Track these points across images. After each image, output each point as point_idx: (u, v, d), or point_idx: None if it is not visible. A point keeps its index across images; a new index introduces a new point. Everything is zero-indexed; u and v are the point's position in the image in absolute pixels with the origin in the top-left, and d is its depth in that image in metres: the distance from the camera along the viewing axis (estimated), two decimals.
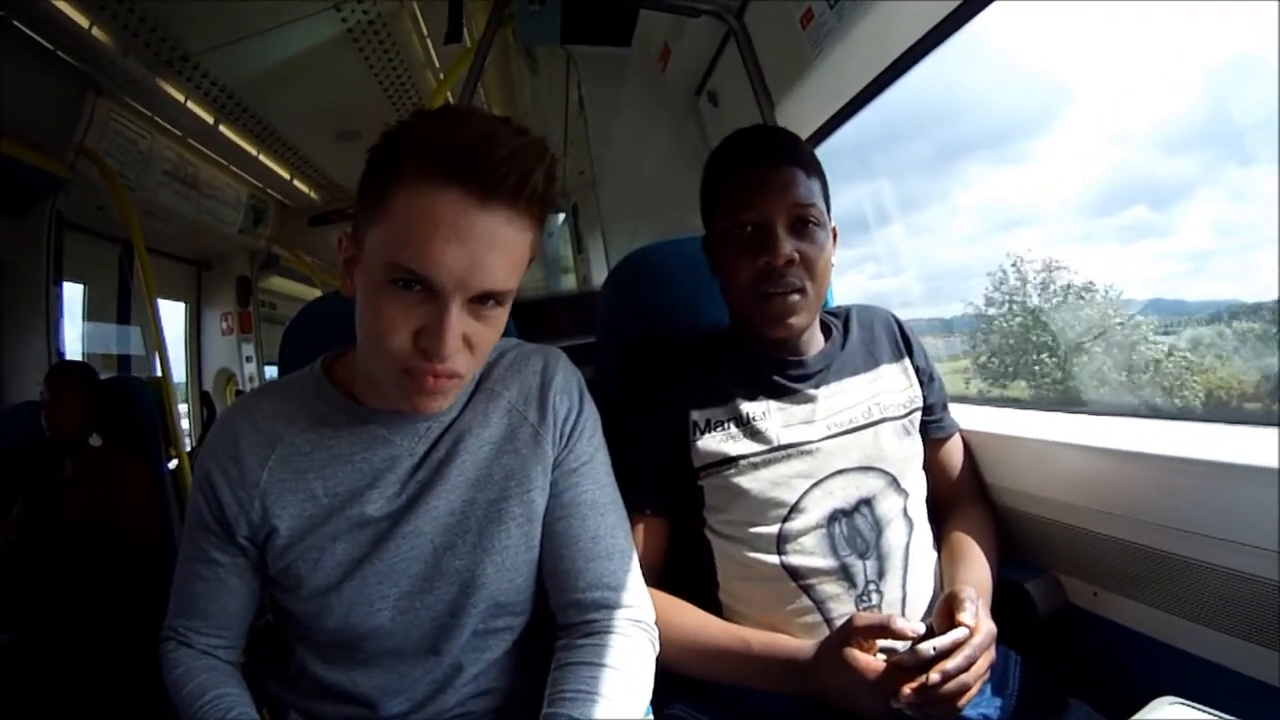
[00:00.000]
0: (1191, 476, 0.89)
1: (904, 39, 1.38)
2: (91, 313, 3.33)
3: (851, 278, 2.22)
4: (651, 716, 0.90)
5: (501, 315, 0.79)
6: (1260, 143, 1.10)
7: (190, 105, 2.99)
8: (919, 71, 1.48)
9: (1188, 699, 0.59)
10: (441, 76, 3.06)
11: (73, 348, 3.12)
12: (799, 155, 1.06)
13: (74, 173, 2.74)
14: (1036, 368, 1.64)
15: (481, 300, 0.75)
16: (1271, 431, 0.89)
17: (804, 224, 1.03)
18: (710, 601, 1.05)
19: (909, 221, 2.14)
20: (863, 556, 1.01)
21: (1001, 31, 1.49)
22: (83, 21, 2.33)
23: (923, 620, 0.99)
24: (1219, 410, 1.21)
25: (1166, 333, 1.40)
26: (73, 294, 3.23)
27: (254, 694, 0.92)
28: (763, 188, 1.03)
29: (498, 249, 0.74)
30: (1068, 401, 1.56)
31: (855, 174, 2.10)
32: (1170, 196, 1.36)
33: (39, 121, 2.54)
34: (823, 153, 1.75)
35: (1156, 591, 0.96)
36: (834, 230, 1.10)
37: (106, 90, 2.70)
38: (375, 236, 0.75)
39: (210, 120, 3.15)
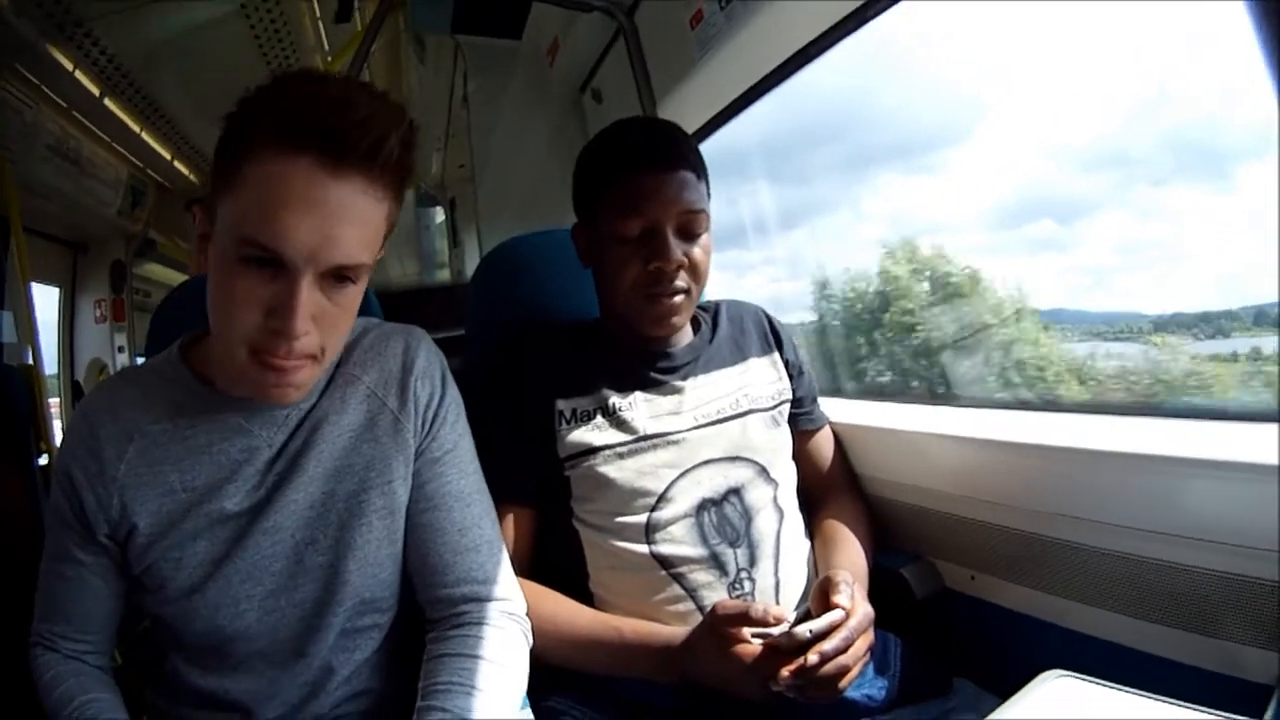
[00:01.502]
0: (1060, 462, 0.94)
1: (791, 43, 1.41)
2: None
3: (751, 280, 2.25)
4: (528, 708, 0.88)
5: (355, 294, 0.76)
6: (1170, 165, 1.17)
7: (78, 75, 2.82)
8: (837, 74, 1.51)
9: (1072, 671, 0.62)
10: (330, 59, 3.01)
11: None
12: (690, 157, 1.07)
13: None
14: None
15: (335, 277, 0.72)
16: (1139, 420, 0.96)
17: (692, 227, 1.04)
18: (581, 592, 1.04)
19: (814, 226, 2.16)
20: (733, 545, 1.03)
21: (924, 39, 1.53)
22: None
23: (798, 606, 1.01)
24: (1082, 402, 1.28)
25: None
26: None
27: (133, 702, 0.88)
28: (654, 192, 1.02)
29: (351, 221, 0.70)
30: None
31: (763, 175, 2.10)
32: (1077, 212, 1.41)
33: None
34: (727, 150, 1.77)
35: (1033, 573, 1.00)
36: None
37: None
38: (226, 208, 0.71)
39: (96, 92, 2.99)
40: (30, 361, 2.81)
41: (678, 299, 1.03)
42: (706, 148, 1.65)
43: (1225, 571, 0.78)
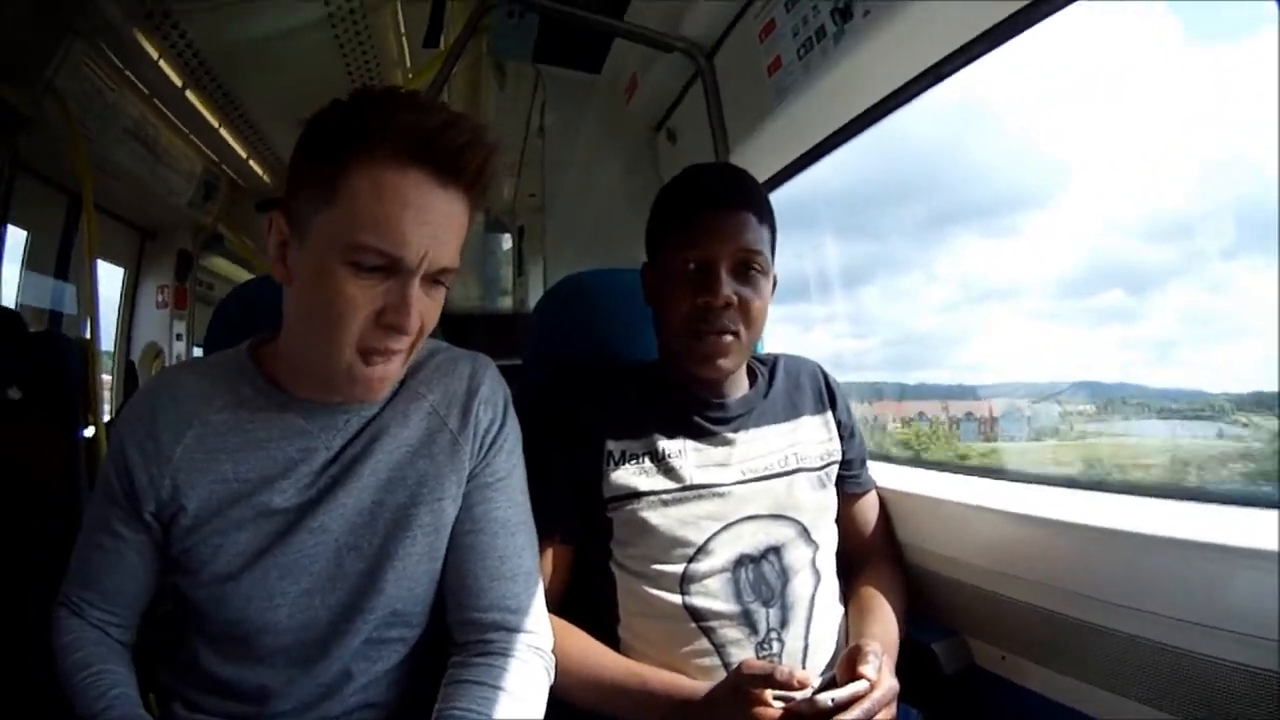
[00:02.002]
0: (1104, 545, 0.91)
1: (867, 96, 1.41)
2: (31, 261, 3.18)
3: (818, 334, 2.24)
4: None
5: (443, 294, 0.81)
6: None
7: (162, 64, 2.90)
8: (927, 133, 1.51)
9: None
10: (410, 76, 3.07)
11: (7, 293, 2.98)
12: (754, 200, 1.07)
13: (37, 113, 2.62)
14: None
15: (434, 279, 0.78)
16: (1185, 505, 0.93)
17: (747, 269, 1.03)
18: (609, 636, 1.03)
19: (886, 284, 2.15)
20: (766, 604, 1.01)
21: (1015, 103, 1.55)
22: None
23: (823, 673, 0.99)
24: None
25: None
26: (15, 239, 3.08)
27: (145, 680, 0.89)
28: (713, 227, 1.03)
29: (452, 229, 0.77)
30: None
31: (842, 228, 2.10)
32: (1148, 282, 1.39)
33: (12, 53, 2.42)
34: (801, 200, 1.76)
35: (1067, 658, 0.96)
36: (775, 277, 1.11)
37: (83, 32, 2.58)
38: (327, 217, 0.74)
39: (179, 83, 3.07)
40: (88, 335, 2.87)
41: (726, 339, 1.02)
42: (781, 196, 1.67)
43: (1270, 669, 0.73)
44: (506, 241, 4.69)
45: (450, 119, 0.75)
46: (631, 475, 1.05)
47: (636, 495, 1.04)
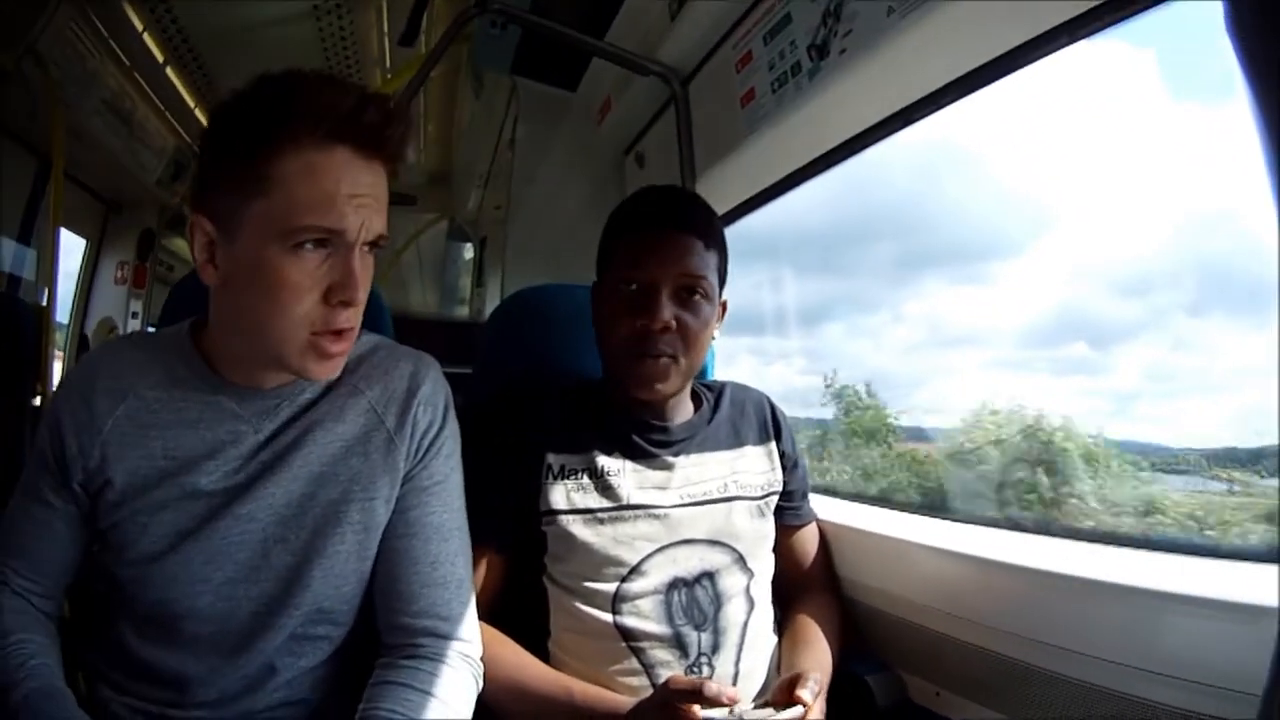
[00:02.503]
0: (1040, 586, 0.92)
1: (836, 135, 1.43)
2: None
3: (779, 369, 2.25)
4: None
5: (373, 262, 0.83)
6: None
7: (146, 37, 2.86)
8: (905, 172, 1.52)
9: None
10: (389, 76, 3.05)
11: None
12: (703, 225, 1.08)
13: (16, 72, 2.56)
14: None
15: (368, 248, 0.79)
16: (1124, 551, 0.95)
17: (690, 293, 1.04)
18: (539, 649, 1.03)
19: (853, 322, 2.16)
20: (698, 628, 1.02)
21: (997, 147, 1.56)
22: None
23: (754, 699, 0.99)
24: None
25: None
26: None
27: (73, 656, 0.90)
28: (657, 250, 1.04)
29: (381, 198, 0.79)
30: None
31: (814, 265, 2.12)
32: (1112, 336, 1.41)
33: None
34: (772, 233, 1.78)
35: (1001, 697, 0.97)
36: (723, 304, 1.12)
37: None
38: (260, 207, 0.74)
39: (160, 59, 3.02)
40: (44, 304, 2.80)
41: (663, 362, 1.03)
42: (751, 226, 1.69)
43: (1203, 714, 0.75)
44: (468, 251, 4.65)
45: (365, 97, 0.77)
46: (569, 491, 1.05)
47: (572, 511, 1.04)
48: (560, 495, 1.05)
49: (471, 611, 0.92)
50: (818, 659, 1.04)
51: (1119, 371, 1.40)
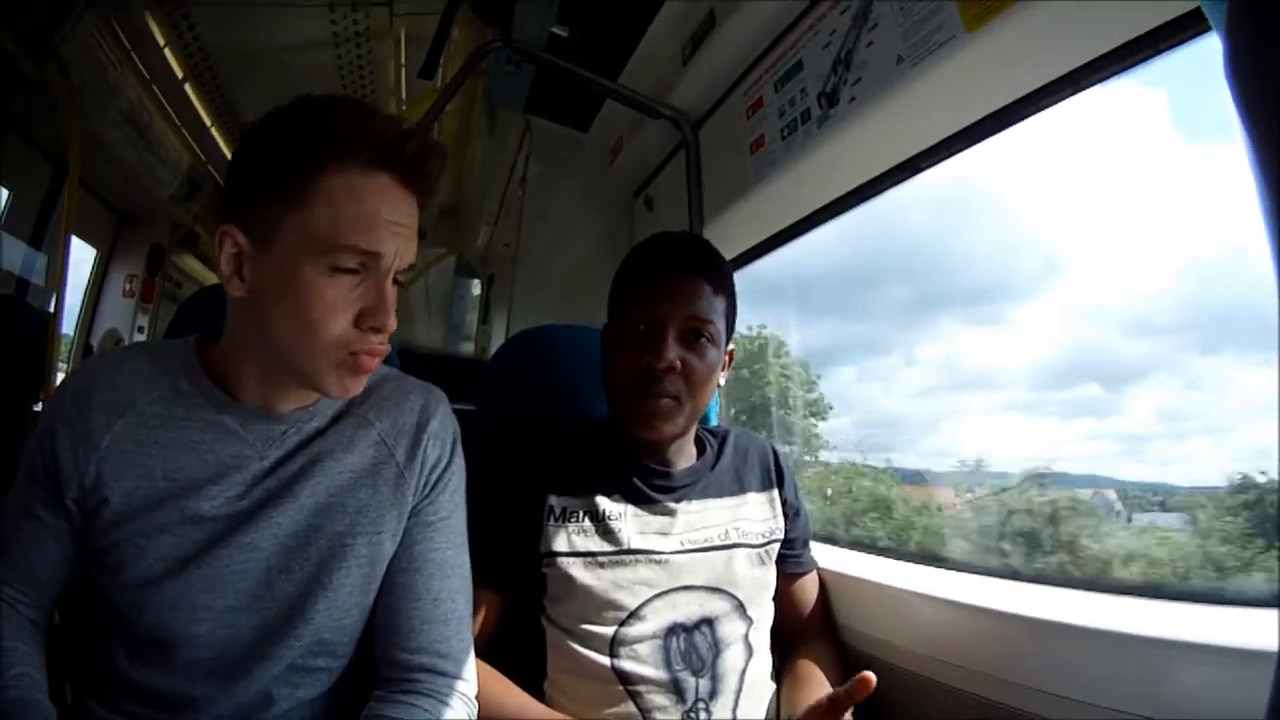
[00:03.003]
0: (1038, 635, 0.92)
1: (845, 182, 1.44)
2: (8, 223, 3.10)
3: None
4: None
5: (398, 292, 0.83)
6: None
7: (167, 52, 2.89)
8: (921, 218, 1.51)
9: None
10: (404, 107, 3.07)
11: None
12: (712, 270, 1.09)
13: (37, 76, 2.58)
14: None
15: (395, 279, 0.80)
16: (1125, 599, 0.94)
17: (696, 336, 1.05)
18: (536, 691, 1.03)
19: (864, 365, 2.14)
20: (696, 674, 1.02)
21: (1011, 188, 1.56)
22: None
23: None
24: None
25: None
26: None
27: (60, 666, 0.89)
28: (665, 291, 1.06)
29: (413, 231, 0.80)
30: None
31: (829, 308, 2.10)
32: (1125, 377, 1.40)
33: (25, 11, 2.36)
34: (786, 276, 1.78)
35: None
36: (730, 353, 1.13)
37: (96, 5, 2.55)
38: (298, 220, 0.75)
39: (180, 75, 3.05)
40: (51, 310, 2.80)
41: (666, 402, 1.04)
42: (764, 269, 1.70)
43: None
44: (475, 287, 4.67)
45: (409, 129, 0.79)
46: (570, 533, 1.05)
47: (573, 554, 1.04)
48: (561, 538, 1.05)
49: (469, 650, 0.91)
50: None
51: (1131, 413, 1.39)
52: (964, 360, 1.81)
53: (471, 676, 0.91)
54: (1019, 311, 1.69)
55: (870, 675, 0.85)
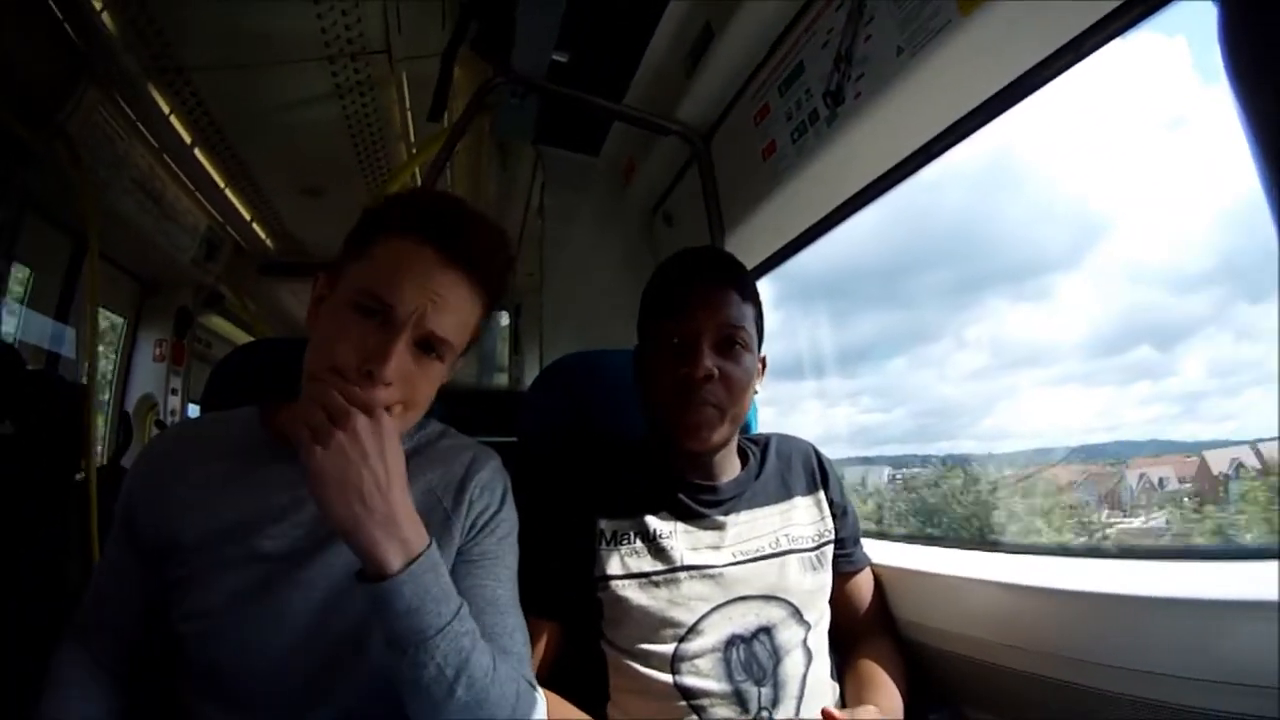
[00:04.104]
0: (1096, 609, 0.91)
1: (861, 178, 1.44)
2: (33, 300, 3.18)
3: (845, 409, 2.22)
4: None
5: (437, 372, 0.87)
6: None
7: (173, 119, 2.96)
8: (957, 196, 1.51)
9: None
10: (414, 151, 3.09)
11: (8, 331, 2.98)
12: (738, 279, 1.10)
13: (47, 154, 2.63)
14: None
15: (424, 347, 0.85)
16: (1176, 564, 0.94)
17: (730, 344, 1.06)
18: (599, 714, 1.03)
19: (915, 354, 2.13)
20: (758, 683, 1.01)
21: (1048, 160, 1.55)
22: (96, 2, 2.30)
23: None
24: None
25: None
26: (17, 276, 3.07)
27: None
28: (695, 302, 1.06)
29: (449, 302, 0.85)
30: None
31: (874, 299, 2.11)
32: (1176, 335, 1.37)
33: (28, 91, 2.45)
34: (837, 274, 1.79)
35: None
36: (763, 360, 1.13)
37: (99, 80, 2.64)
38: (351, 271, 0.86)
39: (188, 140, 3.12)
40: (84, 380, 2.85)
41: (708, 410, 1.04)
42: (807, 265, 1.70)
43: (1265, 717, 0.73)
44: (504, 319, 4.68)
45: (468, 215, 0.89)
46: (622, 555, 1.06)
47: (627, 576, 1.04)
48: (614, 560, 1.05)
49: (531, 681, 0.90)
50: (886, 701, 1.05)
51: (1183, 372, 1.38)
52: (1014, 337, 1.80)
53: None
54: (1065, 281, 1.68)
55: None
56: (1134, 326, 1.46)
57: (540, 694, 0.89)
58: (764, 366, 1.14)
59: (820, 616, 1.12)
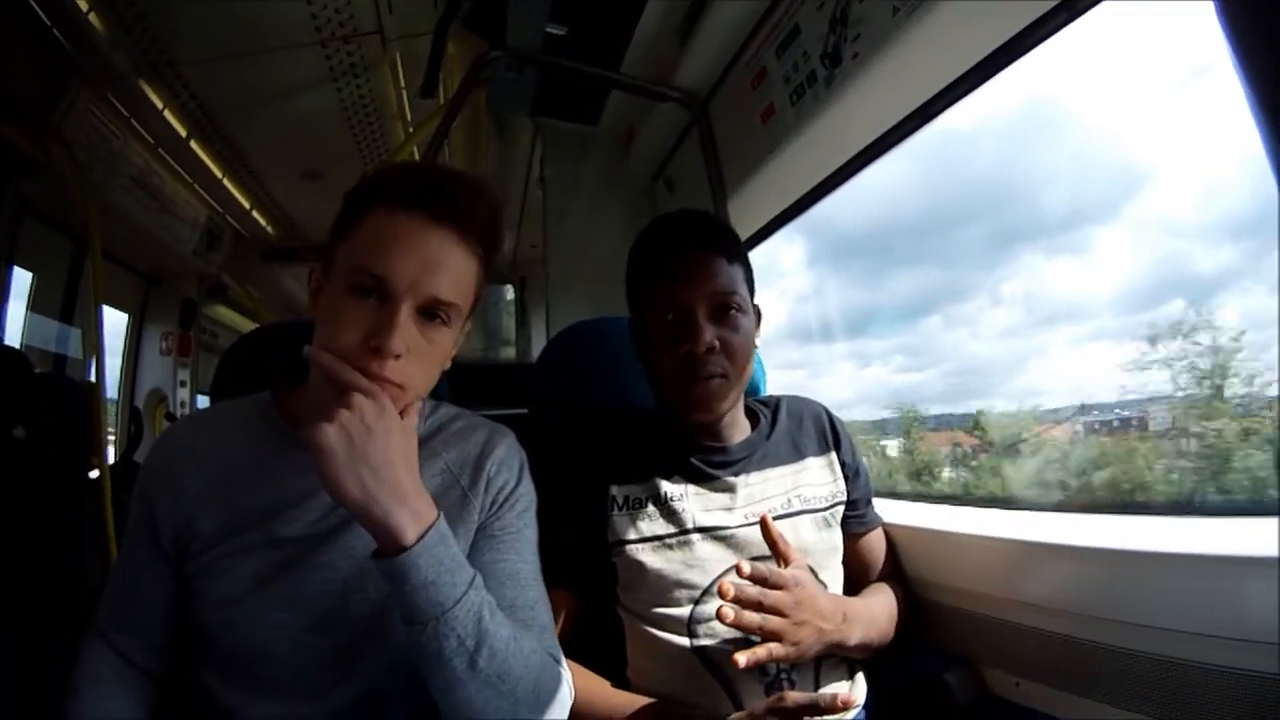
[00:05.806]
0: (1110, 565, 0.92)
1: (861, 139, 1.43)
2: (36, 304, 3.19)
3: (877, 369, 2.22)
4: None
5: (445, 336, 0.86)
6: None
7: (167, 114, 2.95)
8: (991, 151, 1.48)
9: None
10: (411, 130, 3.08)
11: (12, 335, 2.99)
12: (721, 242, 1.09)
13: (44, 157, 2.63)
14: None
15: (428, 314, 0.83)
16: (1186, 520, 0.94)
17: (725, 311, 1.05)
18: (618, 679, 1.04)
19: (949, 312, 2.12)
20: None
21: (1080, 107, 1.52)
22: (82, 3, 2.29)
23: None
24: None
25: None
26: (20, 281, 3.08)
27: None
28: (683, 276, 1.05)
29: (445, 263, 0.83)
30: None
31: (909, 258, 2.10)
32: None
33: (19, 97, 2.45)
34: (859, 232, 1.77)
35: (1079, 680, 0.96)
36: (758, 310, 1.13)
37: (90, 80, 2.63)
38: (342, 251, 0.83)
39: (183, 133, 3.11)
40: (93, 379, 2.87)
41: (715, 383, 1.04)
42: (837, 221, 1.71)
43: None
44: (508, 293, 4.71)
45: (443, 172, 0.88)
46: (636, 520, 1.06)
47: (640, 540, 1.05)
48: (627, 525, 1.05)
49: (557, 651, 0.91)
50: (869, 598, 1.10)
51: (1218, 326, 1.33)
52: (1049, 294, 1.77)
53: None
54: (1102, 234, 1.65)
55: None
56: (1167, 279, 1.42)
57: (565, 667, 0.89)
58: (759, 318, 1.13)
59: (834, 576, 1.12)
